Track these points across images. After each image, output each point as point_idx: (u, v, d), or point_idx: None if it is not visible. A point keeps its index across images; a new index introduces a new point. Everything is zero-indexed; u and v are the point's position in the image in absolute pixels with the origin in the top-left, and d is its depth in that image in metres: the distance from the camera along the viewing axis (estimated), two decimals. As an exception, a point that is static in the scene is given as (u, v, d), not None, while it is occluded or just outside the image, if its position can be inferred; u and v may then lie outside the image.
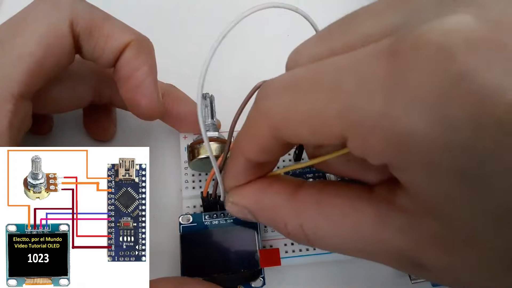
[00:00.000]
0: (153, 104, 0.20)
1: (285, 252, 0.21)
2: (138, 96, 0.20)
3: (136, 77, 0.19)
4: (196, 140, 0.21)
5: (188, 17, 0.30)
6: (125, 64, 0.19)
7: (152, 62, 0.20)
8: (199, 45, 0.20)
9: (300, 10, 0.16)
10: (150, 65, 0.20)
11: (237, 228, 0.21)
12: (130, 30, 0.20)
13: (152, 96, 0.20)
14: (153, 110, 0.20)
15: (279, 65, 0.26)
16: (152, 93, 0.20)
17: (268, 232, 0.22)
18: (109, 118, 0.25)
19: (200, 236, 0.21)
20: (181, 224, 0.21)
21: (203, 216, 0.21)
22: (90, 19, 0.19)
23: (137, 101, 0.20)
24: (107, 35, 0.19)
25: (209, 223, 0.21)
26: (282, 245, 0.22)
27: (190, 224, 0.21)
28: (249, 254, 0.21)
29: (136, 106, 0.20)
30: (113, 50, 0.19)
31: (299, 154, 0.23)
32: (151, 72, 0.20)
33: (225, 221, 0.21)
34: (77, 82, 0.22)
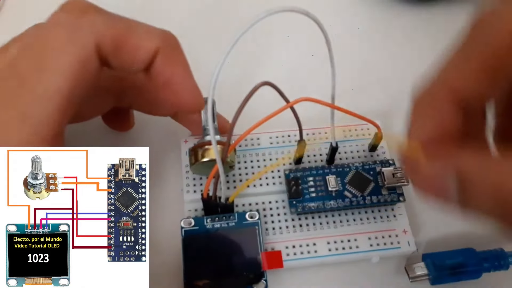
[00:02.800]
0: (199, 100, 0.20)
1: (286, 255, 0.21)
2: (184, 98, 0.19)
3: (175, 82, 0.19)
4: (198, 144, 0.21)
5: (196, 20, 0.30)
6: (161, 72, 0.18)
7: (184, 59, 0.19)
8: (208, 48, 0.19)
9: (311, 14, 0.16)
10: (183, 63, 0.19)
11: (239, 231, 0.21)
12: (155, 32, 0.18)
13: (195, 93, 0.19)
14: (198, 105, 0.20)
15: (279, 65, 0.27)
16: (194, 89, 0.19)
17: (269, 235, 0.22)
18: (127, 112, 0.24)
19: (202, 239, 0.21)
20: (183, 228, 0.21)
21: (205, 220, 0.22)
22: (115, 35, 0.17)
23: (184, 102, 0.19)
24: (134, 47, 0.18)
25: (211, 226, 0.21)
26: (284, 247, 0.22)
27: (192, 228, 0.21)
28: (251, 257, 0.21)
29: (181, 106, 0.20)
30: (143, 60, 0.18)
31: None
32: (186, 70, 0.19)
33: (227, 224, 0.22)
34: (101, 94, 0.21)
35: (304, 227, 0.22)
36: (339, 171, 0.23)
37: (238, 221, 0.22)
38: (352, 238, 0.22)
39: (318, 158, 0.24)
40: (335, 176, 0.22)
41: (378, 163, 0.23)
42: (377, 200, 0.22)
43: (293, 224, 0.22)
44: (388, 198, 0.22)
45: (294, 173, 0.23)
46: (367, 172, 0.23)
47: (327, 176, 0.23)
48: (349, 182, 0.22)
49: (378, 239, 0.22)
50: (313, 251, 0.22)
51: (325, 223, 0.22)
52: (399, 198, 0.22)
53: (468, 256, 0.21)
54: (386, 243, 0.22)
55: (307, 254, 0.22)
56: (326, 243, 0.22)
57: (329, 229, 0.22)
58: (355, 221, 0.22)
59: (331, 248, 0.22)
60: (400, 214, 0.23)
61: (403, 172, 0.22)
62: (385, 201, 0.22)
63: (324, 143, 0.24)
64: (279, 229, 0.22)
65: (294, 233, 0.22)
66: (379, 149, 0.24)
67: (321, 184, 0.22)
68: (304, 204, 0.22)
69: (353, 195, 0.22)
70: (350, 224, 0.22)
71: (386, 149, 0.25)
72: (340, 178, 0.23)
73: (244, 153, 0.24)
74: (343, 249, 0.22)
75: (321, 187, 0.22)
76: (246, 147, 0.24)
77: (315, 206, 0.22)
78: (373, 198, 0.22)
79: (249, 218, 0.22)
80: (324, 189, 0.22)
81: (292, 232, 0.22)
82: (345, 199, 0.22)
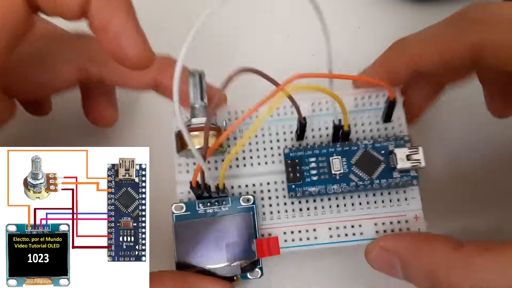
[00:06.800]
0: (142, 52, 0.17)
1: (284, 241, 0.20)
2: (122, 48, 0.17)
3: (113, 27, 0.17)
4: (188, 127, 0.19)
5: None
6: (97, 14, 0.17)
7: (126, 3, 0.17)
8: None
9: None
10: (126, 7, 0.17)
11: (233, 216, 0.20)
12: None
13: (138, 44, 0.17)
14: (143, 59, 0.18)
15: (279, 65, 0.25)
16: (136, 40, 0.17)
17: (266, 220, 0.21)
18: (108, 102, 0.23)
19: (194, 225, 0.20)
20: (173, 213, 0.20)
21: (196, 204, 0.20)
22: None
23: (123, 53, 0.17)
24: None
25: (203, 212, 0.20)
26: (282, 233, 0.20)
27: (183, 213, 0.20)
28: (245, 244, 0.20)
29: (123, 59, 0.18)
30: (77, 1, 0.16)
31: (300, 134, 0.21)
32: (129, 15, 0.17)
33: (220, 209, 0.20)
34: (59, 63, 0.20)
35: (304, 211, 0.21)
36: (346, 150, 0.20)
37: (232, 206, 0.20)
38: (357, 224, 0.20)
39: (323, 133, 0.22)
40: (340, 157, 0.20)
41: (392, 140, 0.20)
42: (386, 184, 0.20)
43: (292, 208, 0.21)
44: (400, 181, 0.20)
45: (295, 153, 0.20)
46: (377, 151, 0.20)
47: (331, 157, 0.20)
48: (356, 163, 0.20)
49: (386, 225, 0.20)
50: (313, 237, 0.20)
51: (328, 207, 0.21)
52: (412, 182, 0.20)
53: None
54: (394, 230, 0.20)
55: (306, 240, 0.20)
56: (327, 228, 0.20)
57: (331, 213, 0.20)
58: (360, 204, 0.21)
59: (333, 234, 0.20)
60: (413, 197, 0.20)
61: (417, 153, 0.19)
62: (396, 185, 0.20)
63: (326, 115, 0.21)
64: (277, 213, 0.21)
65: (293, 218, 0.21)
66: (395, 120, 0.21)
67: (324, 166, 0.20)
68: (304, 188, 0.20)
69: (359, 178, 0.20)
70: (354, 209, 0.20)
71: (403, 120, 0.21)
72: (346, 159, 0.20)
73: (240, 128, 0.22)
74: (345, 236, 0.20)
75: (324, 169, 0.20)
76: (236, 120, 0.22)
77: (316, 191, 0.20)
78: (382, 182, 0.20)
79: (243, 203, 0.20)
80: (327, 171, 0.20)
81: (291, 217, 0.21)
82: (350, 183, 0.20)
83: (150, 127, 0.25)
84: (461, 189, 0.24)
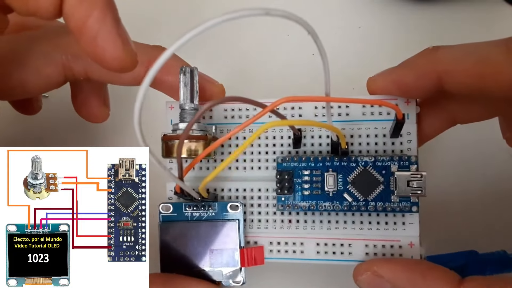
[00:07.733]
0: (121, 55, 0.16)
1: (269, 251, 0.20)
2: (99, 49, 0.16)
3: (89, 28, 0.15)
4: (170, 135, 0.18)
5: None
6: (71, 14, 0.15)
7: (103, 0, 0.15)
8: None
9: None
10: (102, 4, 0.15)
11: (219, 222, 0.20)
12: None
13: (117, 45, 0.16)
14: (124, 61, 0.16)
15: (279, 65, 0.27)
16: (115, 41, 0.16)
17: (253, 228, 0.20)
18: (98, 98, 0.22)
19: (180, 228, 0.20)
20: (161, 212, 0.20)
21: (183, 207, 0.20)
22: None
23: (100, 55, 0.16)
24: None
25: (190, 215, 0.20)
26: (268, 243, 0.20)
27: (170, 214, 0.20)
28: (229, 252, 0.19)
29: (101, 62, 0.16)
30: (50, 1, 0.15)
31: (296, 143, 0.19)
32: (105, 14, 0.15)
33: (206, 213, 0.20)
34: (42, 62, 0.19)
35: (294, 223, 0.20)
36: (343, 165, 0.19)
37: (218, 211, 0.20)
38: (346, 243, 0.19)
39: (324, 141, 0.20)
40: (335, 174, 0.19)
41: (396, 159, 0.18)
42: (382, 208, 0.18)
43: (281, 219, 0.20)
44: (397, 206, 0.18)
45: (288, 163, 0.19)
46: (378, 170, 0.19)
47: (326, 172, 0.19)
48: (353, 182, 0.19)
49: (377, 248, 0.19)
50: (299, 251, 0.20)
51: (318, 222, 0.20)
52: (411, 208, 0.18)
53: (471, 258, 0.19)
54: (386, 254, 0.19)
55: (292, 253, 0.20)
56: (315, 244, 0.20)
57: (321, 229, 0.20)
58: (353, 223, 0.19)
59: (320, 251, 0.19)
60: (411, 223, 0.19)
61: (421, 180, 0.18)
62: (392, 210, 0.18)
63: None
64: (266, 222, 0.20)
65: (281, 230, 0.20)
66: (405, 135, 0.19)
67: (318, 180, 0.19)
68: (294, 202, 0.19)
69: (354, 198, 0.18)
70: (346, 227, 0.19)
71: (414, 137, 0.19)
72: (342, 175, 0.19)
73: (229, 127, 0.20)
74: (333, 254, 0.19)
75: (317, 183, 0.19)
76: (232, 118, 0.20)
77: (306, 206, 0.19)
78: (378, 205, 0.18)
79: (230, 210, 0.20)
80: (320, 186, 0.19)
81: (279, 228, 0.20)
82: (343, 202, 0.19)
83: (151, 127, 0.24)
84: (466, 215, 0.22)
